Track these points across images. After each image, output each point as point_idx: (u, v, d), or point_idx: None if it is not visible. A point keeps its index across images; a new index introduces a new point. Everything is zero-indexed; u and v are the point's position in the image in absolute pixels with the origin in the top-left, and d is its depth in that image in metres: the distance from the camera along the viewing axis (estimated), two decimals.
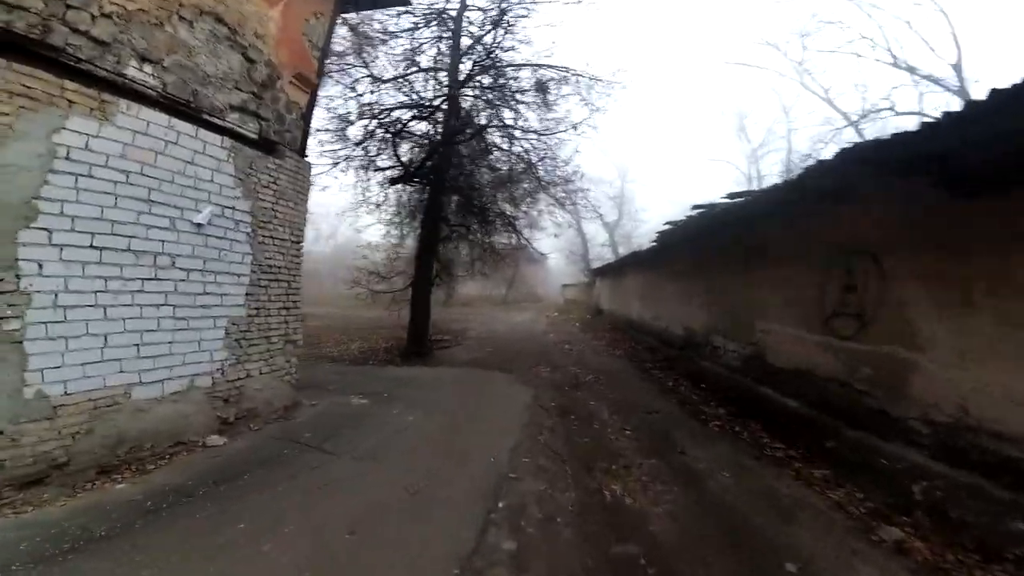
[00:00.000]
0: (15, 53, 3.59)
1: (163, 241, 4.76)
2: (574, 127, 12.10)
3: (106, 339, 4.27)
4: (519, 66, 11.69)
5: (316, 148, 11.77)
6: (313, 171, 7.06)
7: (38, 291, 3.83)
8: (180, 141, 4.85)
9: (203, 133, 5.09)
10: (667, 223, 9.99)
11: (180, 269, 4.94)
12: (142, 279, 4.58)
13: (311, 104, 6.73)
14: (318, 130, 11.56)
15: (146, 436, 4.49)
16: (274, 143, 6.02)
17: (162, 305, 4.77)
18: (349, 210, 13.75)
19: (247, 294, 5.75)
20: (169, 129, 4.74)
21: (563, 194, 13.73)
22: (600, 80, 11.86)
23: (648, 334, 13.57)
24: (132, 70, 4.37)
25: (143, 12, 4.40)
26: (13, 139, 3.65)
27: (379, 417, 6.01)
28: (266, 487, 3.96)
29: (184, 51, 4.81)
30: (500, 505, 3.79)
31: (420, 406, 6.51)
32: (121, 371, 4.37)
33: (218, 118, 5.23)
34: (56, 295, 3.94)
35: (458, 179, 12.80)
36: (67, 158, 3.98)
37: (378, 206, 13.64)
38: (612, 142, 68.36)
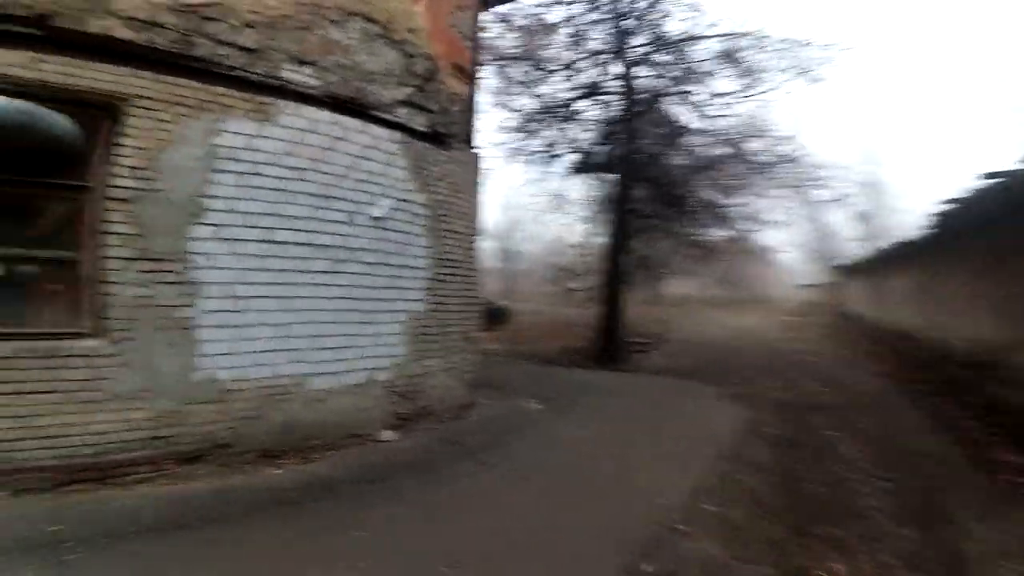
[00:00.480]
0: (166, 66, 3.87)
1: (341, 235, 4.83)
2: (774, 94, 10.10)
3: (283, 329, 4.43)
4: (699, 38, 10.06)
5: (487, 141, 11.80)
6: (494, 166, 6.81)
7: (208, 282, 4.05)
8: (349, 137, 4.88)
9: (372, 128, 5.07)
10: (948, 201, 7.35)
11: (359, 263, 4.97)
12: (320, 272, 4.68)
13: (472, 95, 6.47)
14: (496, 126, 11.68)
15: (320, 426, 4.56)
16: (443, 135, 5.83)
17: (341, 298, 4.83)
18: (542, 206, 13.60)
19: (426, 288, 5.64)
20: (336, 126, 4.78)
21: (786, 179, 11.42)
22: (807, 44, 9.64)
23: (918, 346, 10.38)
24: (288, 73, 4.47)
25: (286, 18, 4.49)
26: (174, 143, 3.92)
27: (548, 427, 5.36)
28: (403, 494, 3.62)
29: (341, 51, 4.83)
30: (643, 569, 2.74)
31: (596, 418, 5.69)
32: (298, 361, 4.49)
33: (386, 113, 5.20)
34: (229, 286, 4.16)
35: (647, 166, 11.54)
36: (230, 158, 4.18)
37: (562, 199, 13.21)
38: (857, 124, 57.31)
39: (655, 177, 11.62)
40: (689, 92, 10.90)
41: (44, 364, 3.44)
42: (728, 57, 10.20)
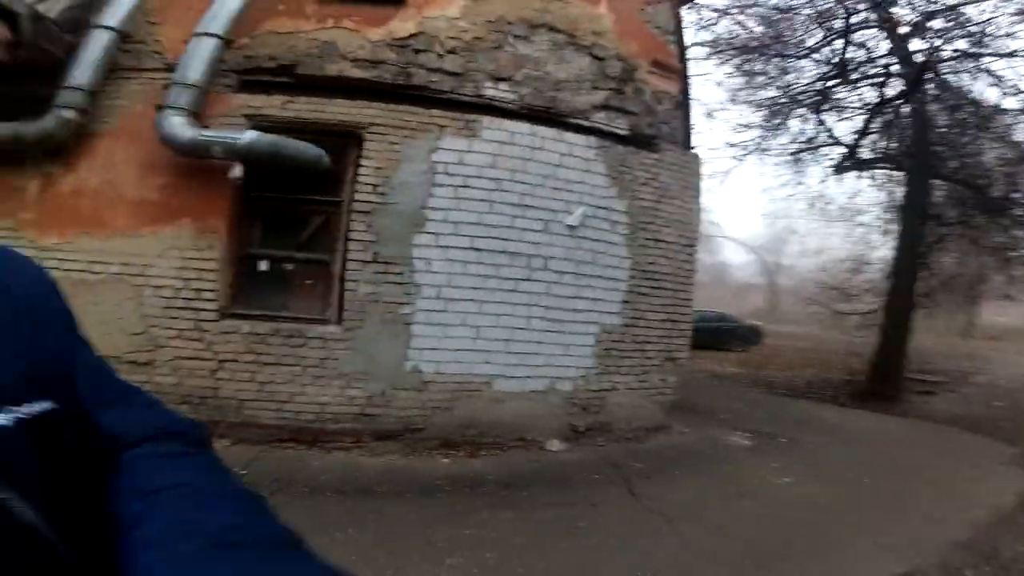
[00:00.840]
0: (392, 96, 4.49)
1: (536, 243, 4.97)
2: None
3: (478, 331, 4.77)
4: None
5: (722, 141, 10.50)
6: (740, 169, 6.11)
7: (425, 284, 4.61)
8: (545, 146, 4.98)
9: (567, 136, 5.09)
10: None
11: (553, 271, 5.05)
12: (516, 279, 4.90)
13: (683, 92, 5.87)
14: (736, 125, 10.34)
15: (494, 426, 4.77)
16: (649, 137, 5.48)
17: (533, 306, 4.97)
18: (806, 213, 11.67)
19: (623, 301, 5.40)
20: (533, 136, 4.94)
21: None
22: None
23: None
24: (489, 90, 4.81)
25: (480, 40, 4.80)
26: (403, 162, 4.54)
27: (738, 468, 4.51)
28: (531, 506, 3.49)
29: (531, 64, 4.98)
30: None
31: (812, 469, 4.55)
32: (487, 362, 4.78)
33: (582, 119, 5.13)
34: (440, 288, 4.65)
35: (945, 160, 8.73)
36: (446, 173, 4.66)
37: (829, 204, 11.03)
38: None
39: (960, 173, 8.80)
40: (983, 60, 8.00)
41: (290, 343, 4.42)
42: None
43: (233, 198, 4.50)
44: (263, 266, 4.68)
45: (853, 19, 8.76)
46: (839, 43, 9.05)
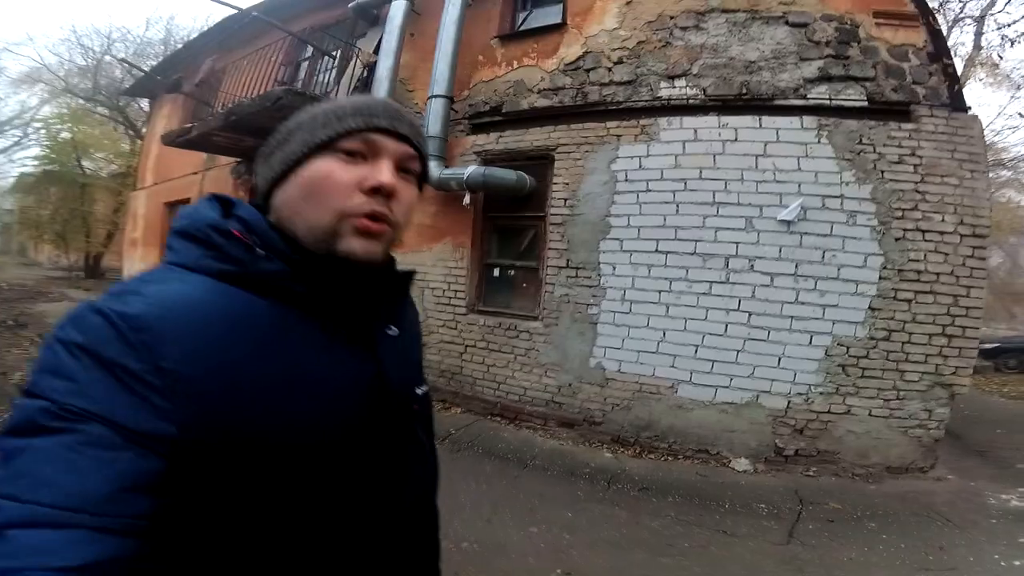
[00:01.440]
0: (573, 115, 4.98)
1: (736, 243, 4.61)
2: None
3: (664, 334, 4.76)
4: None
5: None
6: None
7: (611, 287, 4.91)
8: (740, 136, 4.54)
9: (772, 120, 4.46)
10: None
11: (761, 273, 4.58)
12: (710, 282, 4.67)
13: (937, 41, 4.15)
14: None
15: (675, 432, 4.61)
16: (898, 104, 4.21)
17: (733, 311, 4.63)
18: None
19: (870, 308, 4.40)
20: (723, 128, 4.56)
21: None
22: None
23: None
24: (665, 90, 4.69)
25: (643, 44, 4.72)
26: (587, 175, 4.91)
27: (980, 539, 3.07)
28: (641, 517, 3.33)
29: (709, 52, 4.57)
30: None
31: None
32: (673, 366, 4.71)
33: (795, 98, 4.39)
34: (624, 291, 4.86)
35: None
36: (626, 179, 4.82)
37: None
38: None
39: None
40: None
41: (508, 334, 5.39)
42: None
43: (475, 219, 5.81)
44: (496, 272, 5.84)
45: None
46: None
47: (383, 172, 0.62)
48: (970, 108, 4.34)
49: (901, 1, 4.51)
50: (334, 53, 7.15)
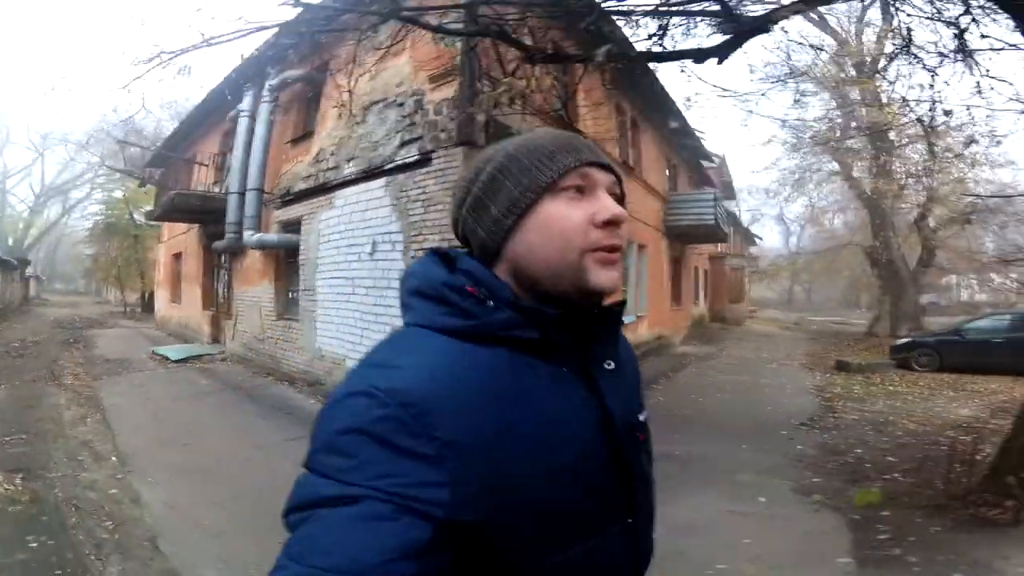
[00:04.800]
0: (310, 194, 7.98)
1: (358, 269, 7.24)
2: None
3: (341, 327, 7.57)
4: None
5: None
6: None
7: (321, 300, 7.95)
8: (362, 198, 7.24)
9: (374, 183, 7.03)
10: None
11: (365, 288, 7.13)
12: (350, 294, 7.36)
13: (468, 89, 5.86)
14: None
15: None
16: (430, 152, 6.18)
17: (362, 311, 7.15)
18: None
19: None
20: (360, 194, 7.29)
21: None
22: None
23: None
24: (345, 170, 7.49)
25: (342, 139, 7.49)
26: (311, 233, 8.15)
27: None
28: None
29: (365, 138, 7.02)
30: None
31: None
32: (345, 346, 7.46)
33: (389, 164, 6.72)
34: (326, 303, 7.84)
35: None
36: (325, 234, 7.87)
37: None
38: None
39: None
40: None
41: (291, 330, 8.80)
42: None
43: (278, 264, 9.28)
44: (291, 295, 9.30)
45: None
46: None
47: (612, 204, 0.64)
48: (480, 144, 5.74)
49: (445, 62, 6.03)
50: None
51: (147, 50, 4.82)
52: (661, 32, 4.28)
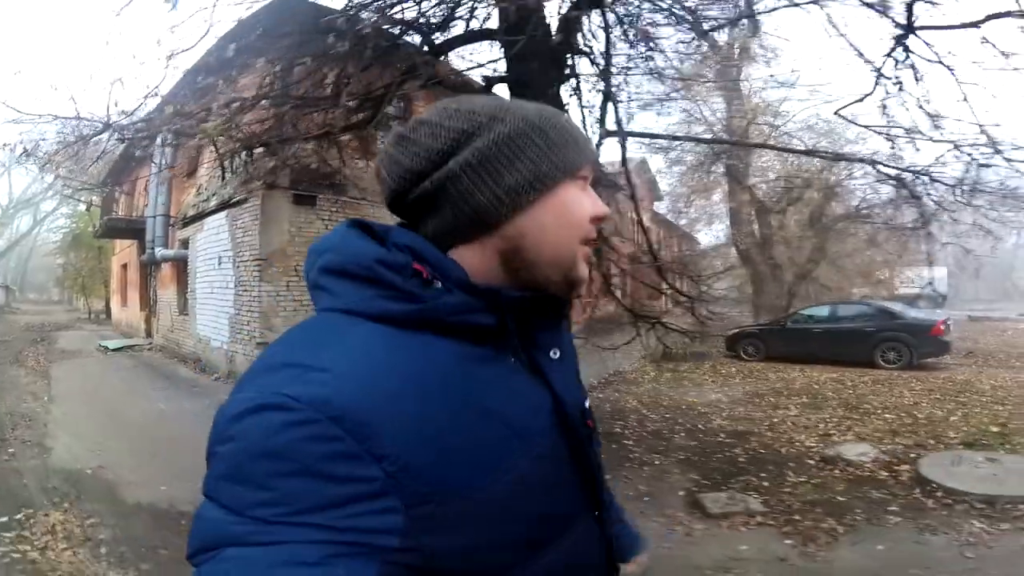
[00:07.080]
0: (197, 218, 11.39)
1: (213, 276, 10.24)
2: None
3: (208, 318, 10.78)
4: None
5: None
6: None
7: (198, 298, 11.00)
8: (217, 224, 10.44)
9: (231, 212, 10.24)
10: None
11: (219, 289, 10.04)
12: (209, 294, 10.34)
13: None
14: None
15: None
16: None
17: (216, 305, 10.35)
18: None
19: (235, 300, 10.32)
20: (217, 220, 10.64)
21: None
22: None
23: None
24: (212, 203, 10.80)
25: (213, 179, 10.65)
26: (191, 248, 11.43)
27: None
28: None
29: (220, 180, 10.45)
30: None
31: None
32: (219, 332, 10.73)
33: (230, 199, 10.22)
34: (205, 301, 11.03)
35: None
36: (197, 249, 10.87)
37: None
38: None
39: None
40: None
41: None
42: None
43: (179, 273, 12.74)
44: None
45: None
46: None
47: (602, 202, 0.62)
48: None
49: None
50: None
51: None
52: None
